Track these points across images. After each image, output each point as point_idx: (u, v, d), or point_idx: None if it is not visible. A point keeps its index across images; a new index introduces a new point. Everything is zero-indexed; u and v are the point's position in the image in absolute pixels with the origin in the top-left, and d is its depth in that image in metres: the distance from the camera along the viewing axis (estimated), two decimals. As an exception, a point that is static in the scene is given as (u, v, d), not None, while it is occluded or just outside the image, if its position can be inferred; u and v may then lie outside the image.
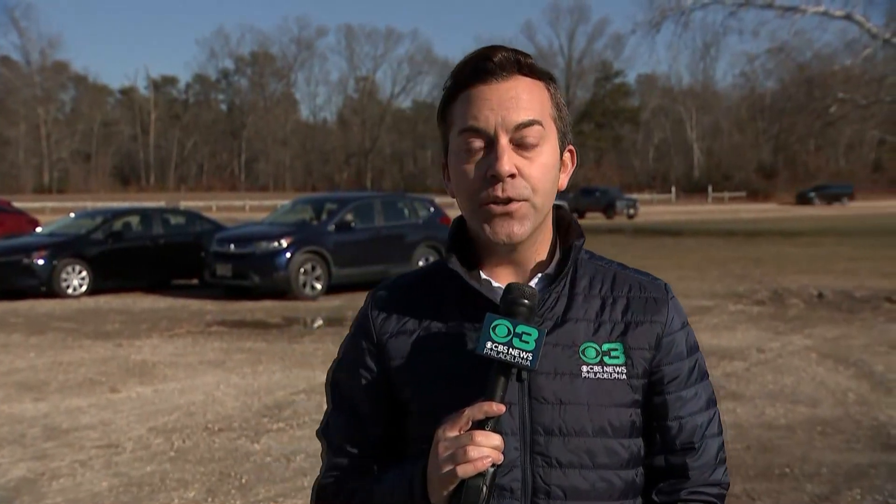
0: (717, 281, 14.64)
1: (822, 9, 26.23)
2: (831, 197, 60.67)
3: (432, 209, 15.07)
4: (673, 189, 75.74)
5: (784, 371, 7.44)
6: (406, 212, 14.65)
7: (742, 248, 22.84)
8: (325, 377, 1.42)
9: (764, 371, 7.46)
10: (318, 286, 12.92)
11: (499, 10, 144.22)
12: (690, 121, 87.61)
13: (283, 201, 27.75)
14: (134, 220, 14.93)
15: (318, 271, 12.94)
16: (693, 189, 78.21)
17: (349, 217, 13.60)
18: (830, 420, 5.90)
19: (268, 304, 12.31)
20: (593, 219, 45.76)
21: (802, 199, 61.40)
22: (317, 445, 1.37)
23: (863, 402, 6.39)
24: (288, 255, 12.68)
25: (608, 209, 46.50)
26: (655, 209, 58.84)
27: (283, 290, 12.75)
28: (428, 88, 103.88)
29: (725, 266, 17.38)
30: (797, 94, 33.85)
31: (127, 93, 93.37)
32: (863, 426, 5.76)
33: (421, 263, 14.12)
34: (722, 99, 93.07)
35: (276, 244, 12.80)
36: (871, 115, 39.74)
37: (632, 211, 46.47)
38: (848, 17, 26.02)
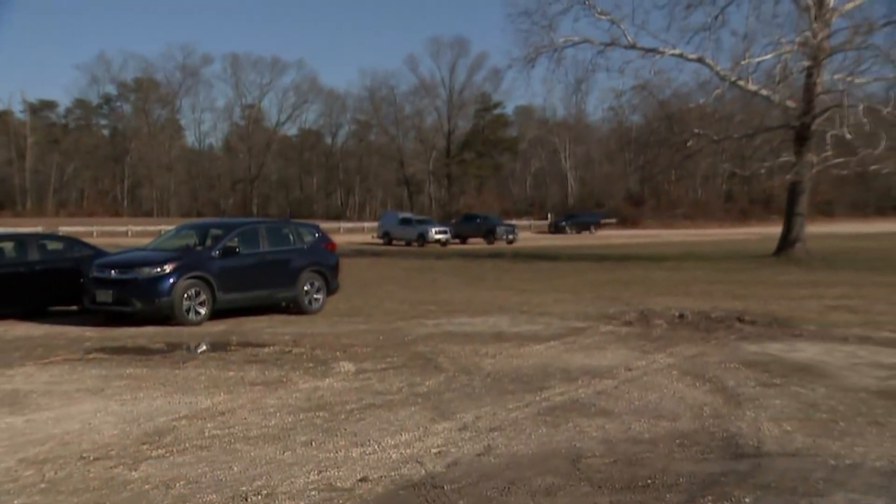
0: (590, 303, 15.09)
1: (678, 51, 27.76)
2: (581, 226, 62.49)
3: (317, 234, 14.93)
4: (549, 215, 77.63)
5: (649, 388, 7.75)
6: (291, 237, 14.43)
7: (612, 271, 23.66)
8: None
9: (631, 388, 7.74)
10: (203, 311, 12.54)
11: (383, 43, 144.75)
12: (565, 151, 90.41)
13: (167, 227, 26.82)
14: (7, 246, 14.07)
15: (203, 297, 12.56)
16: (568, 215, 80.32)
17: (234, 243, 13.28)
18: (688, 433, 6.18)
19: (150, 330, 11.84)
20: (475, 244, 46.40)
21: (556, 229, 62.96)
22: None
23: (717, 415, 6.73)
24: (171, 280, 12.26)
25: (489, 235, 47.10)
26: (533, 235, 60.20)
27: (166, 316, 12.30)
28: (314, 117, 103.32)
29: (598, 289, 17.94)
30: (659, 128, 35.53)
31: (1, 116, 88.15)
32: (716, 437, 6.07)
33: (306, 288, 13.95)
34: (593, 131, 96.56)
35: (158, 270, 12.36)
36: (723, 150, 42.14)
37: (511, 237, 47.22)
38: (700, 60, 27.66)
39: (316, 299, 14.09)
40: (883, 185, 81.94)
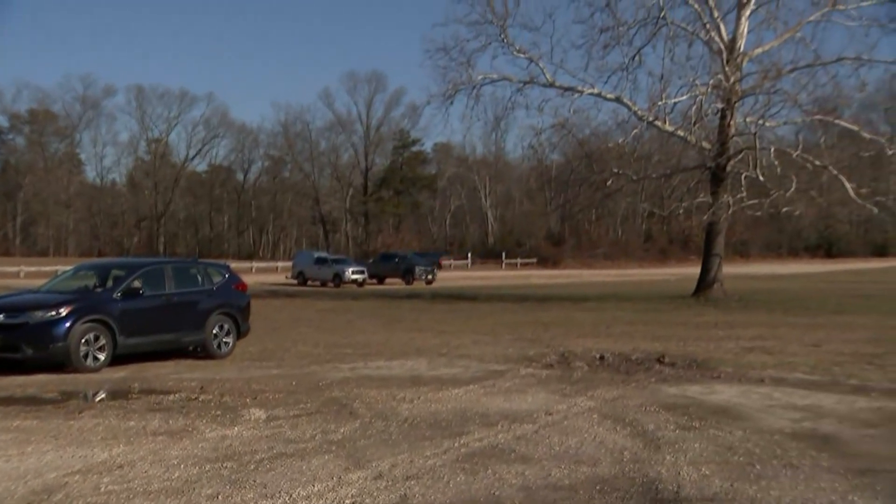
0: (510, 345, 15.20)
1: (596, 91, 28.72)
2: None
3: (227, 275, 14.65)
4: (469, 255, 78.36)
5: (569, 433, 7.84)
6: (199, 278, 14.12)
7: (533, 312, 23.95)
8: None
9: (551, 433, 7.81)
10: (102, 357, 12.09)
11: (297, 77, 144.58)
12: (484, 189, 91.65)
13: (63, 267, 25.85)
14: None
15: (102, 341, 12.12)
16: (488, 255, 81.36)
17: (137, 284, 12.91)
18: (609, 478, 6.27)
19: (43, 378, 11.34)
20: (392, 284, 46.35)
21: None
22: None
23: (637, 459, 6.86)
24: (67, 324, 11.79)
25: (407, 275, 47.20)
26: (453, 274, 60.54)
27: (60, 363, 11.80)
28: (224, 152, 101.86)
29: (518, 330, 18.11)
30: (579, 167, 36.44)
31: None
32: (636, 483, 6.17)
33: (215, 332, 13.64)
34: (513, 169, 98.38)
35: (53, 313, 11.87)
36: (642, 189, 43.59)
37: (430, 276, 47.41)
38: (618, 100, 28.66)
39: (225, 343, 13.79)
40: (794, 227, 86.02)
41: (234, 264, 32.32)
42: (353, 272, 44.07)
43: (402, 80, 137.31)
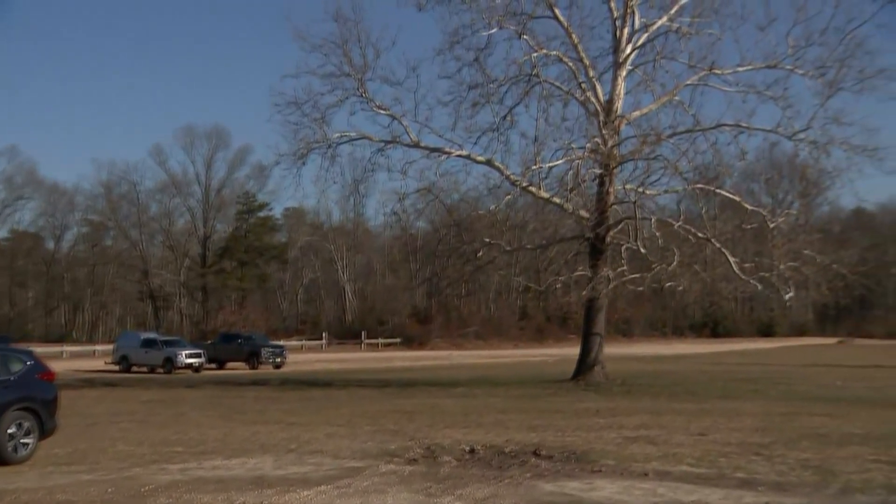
0: (368, 438, 15.06)
1: (465, 152, 29.46)
2: None
3: (30, 362, 13.83)
4: (324, 335, 77.61)
5: (435, 537, 7.77)
6: (-5, 365, 13.27)
7: (396, 400, 23.86)
8: None
9: (414, 539, 7.73)
10: None
11: (122, 130, 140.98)
12: (342, 260, 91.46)
13: None
14: None
15: None
16: (346, 334, 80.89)
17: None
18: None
19: None
20: (235, 369, 45.11)
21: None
22: None
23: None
24: None
25: (252, 358, 46.22)
26: (305, 357, 59.66)
27: None
28: (31, 216, 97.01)
29: (378, 420, 17.98)
30: (447, 236, 37.09)
31: None
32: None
33: (11, 431, 12.74)
34: (374, 238, 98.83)
35: None
36: (517, 262, 44.71)
37: (279, 360, 46.60)
38: (489, 163, 29.50)
39: (24, 444, 12.93)
40: (679, 304, 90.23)
41: (39, 349, 30.69)
42: (187, 356, 42.91)
43: (248, 136, 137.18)
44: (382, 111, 29.41)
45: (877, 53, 27.81)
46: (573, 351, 35.24)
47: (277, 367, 45.81)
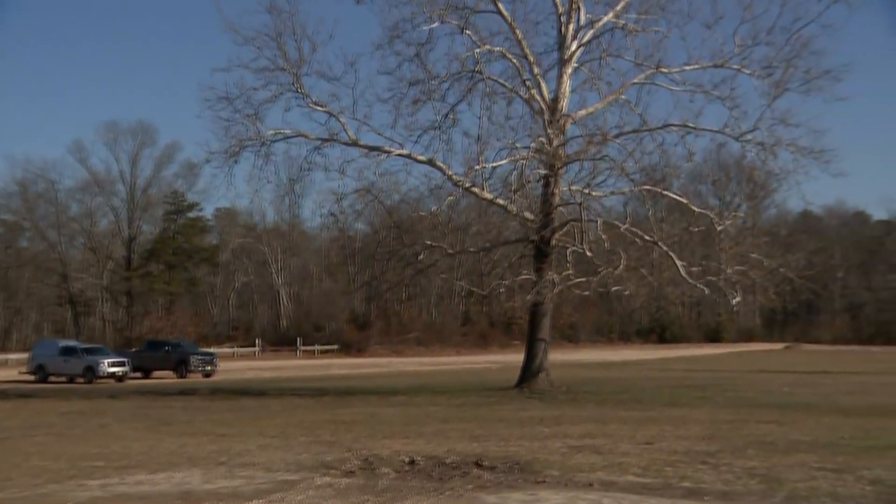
0: (304, 449, 14.98)
1: (406, 152, 29.48)
2: None
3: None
4: (258, 341, 76.97)
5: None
6: None
7: (333, 409, 23.79)
8: None
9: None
10: None
11: (35, 124, 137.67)
12: (277, 263, 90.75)
13: None
14: None
15: None
16: (281, 341, 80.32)
17: None
18: None
19: None
20: (162, 378, 44.51)
21: None
22: None
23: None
24: None
25: (180, 367, 45.78)
26: (237, 365, 59.08)
27: None
28: None
29: (314, 431, 17.90)
30: (387, 238, 37.03)
31: None
32: None
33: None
34: (310, 240, 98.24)
35: None
36: (459, 265, 44.82)
37: (209, 368, 46.28)
38: (430, 163, 29.56)
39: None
40: (626, 309, 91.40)
41: (-50, 356, 29.86)
42: (110, 364, 42.36)
43: (176, 133, 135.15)
44: (319, 108, 29.27)
45: (823, 54, 28.48)
46: (517, 357, 35.45)
47: (207, 375, 45.40)
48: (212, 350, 56.84)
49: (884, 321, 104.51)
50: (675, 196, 29.45)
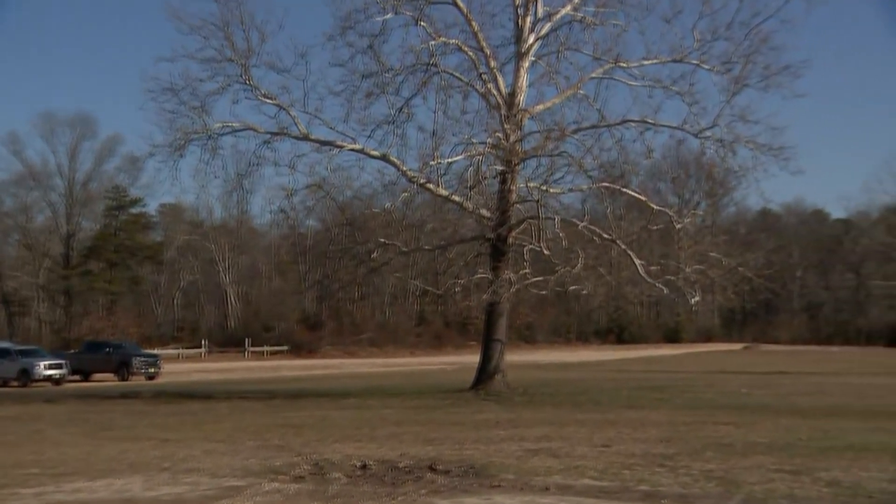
0: (251, 454, 14.90)
1: (358, 146, 29.39)
2: None
3: None
4: (204, 342, 76.34)
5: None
6: None
7: (283, 412, 23.69)
8: None
9: (299, 563, 7.67)
10: None
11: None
12: (224, 262, 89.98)
13: None
14: None
15: None
16: (228, 342, 79.73)
17: None
18: None
19: None
20: (102, 381, 44.01)
21: None
22: None
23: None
24: None
25: (122, 369, 45.39)
26: (183, 367, 58.59)
27: None
28: None
29: (262, 435, 17.83)
30: (339, 236, 36.98)
31: None
32: None
33: None
34: (260, 237, 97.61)
35: None
36: (414, 264, 44.88)
37: (153, 370, 45.94)
38: (384, 158, 29.51)
39: None
40: (584, 309, 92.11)
41: None
42: (47, 367, 42.00)
43: (118, 125, 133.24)
44: (269, 100, 29.08)
45: (782, 49, 28.94)
46: (473, 358, 35.54)
47: (151, 378, 45.02)
48: (155, 351, 56.35)
49: (842, 321, 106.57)
50: (633, 193, 29.69)
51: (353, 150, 29.38)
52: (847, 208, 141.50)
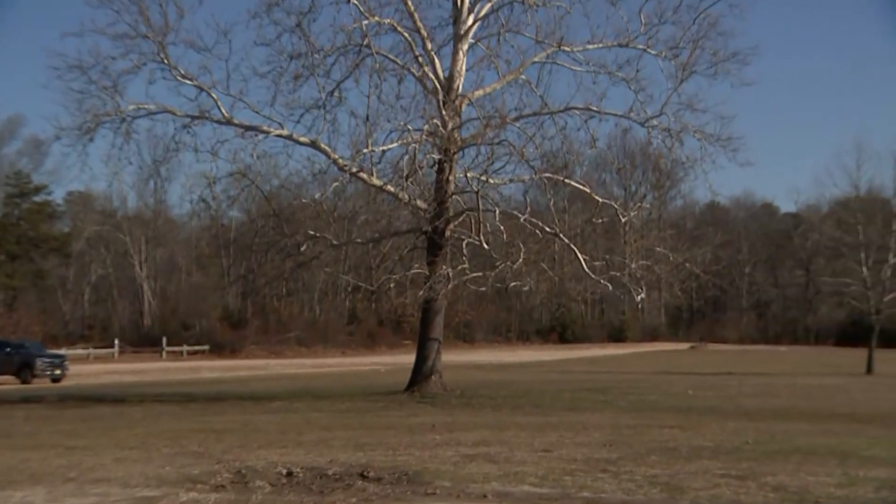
0: (167, 462, 14.72)
1: (286, 132, 29.16)
2: None
3: None
4: (117, 342, 75.37)
5: (242, 575, 7.68)
6: None
7: (202, 416, 23.46)
8: None
9: (218, 578, 7.61)
10: None
11: None
12: (139, 255, 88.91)
13: None
14: None
15: None
16: (143, 341, 78.87)
17: None
18: None
19: None
20: (1, 384, 43.20)
21: None
22: None
23: None
24: None
25: (24, 370, 44.88)
26: (93, 368, 57.79)
27: None
28: None
29: (179, 441, 17.61)
30: (264, 227, 36.72)
31: None
32: None
33: None
34: (178, 229, 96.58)
35: None
36: (345, 258, 44.71)
37: (58, 372, 45.42)
38: (314, 145, 29.29)
39: None
40: (525, 307, 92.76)
41: None
42: (-60, 369, 40.87)
43: (19, 105, 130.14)
44: (188, 81, 28.65)
45: (730, 35, 29.50)
46: (408, 359, 35.60)
47: (56, 380, 44.52)
48: (62, 352, 55.63)
49: (790, 319, 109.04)
50: (577, 185, 29.97)
51: (279, 135, 29.15)
52: (797, 202, 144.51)
